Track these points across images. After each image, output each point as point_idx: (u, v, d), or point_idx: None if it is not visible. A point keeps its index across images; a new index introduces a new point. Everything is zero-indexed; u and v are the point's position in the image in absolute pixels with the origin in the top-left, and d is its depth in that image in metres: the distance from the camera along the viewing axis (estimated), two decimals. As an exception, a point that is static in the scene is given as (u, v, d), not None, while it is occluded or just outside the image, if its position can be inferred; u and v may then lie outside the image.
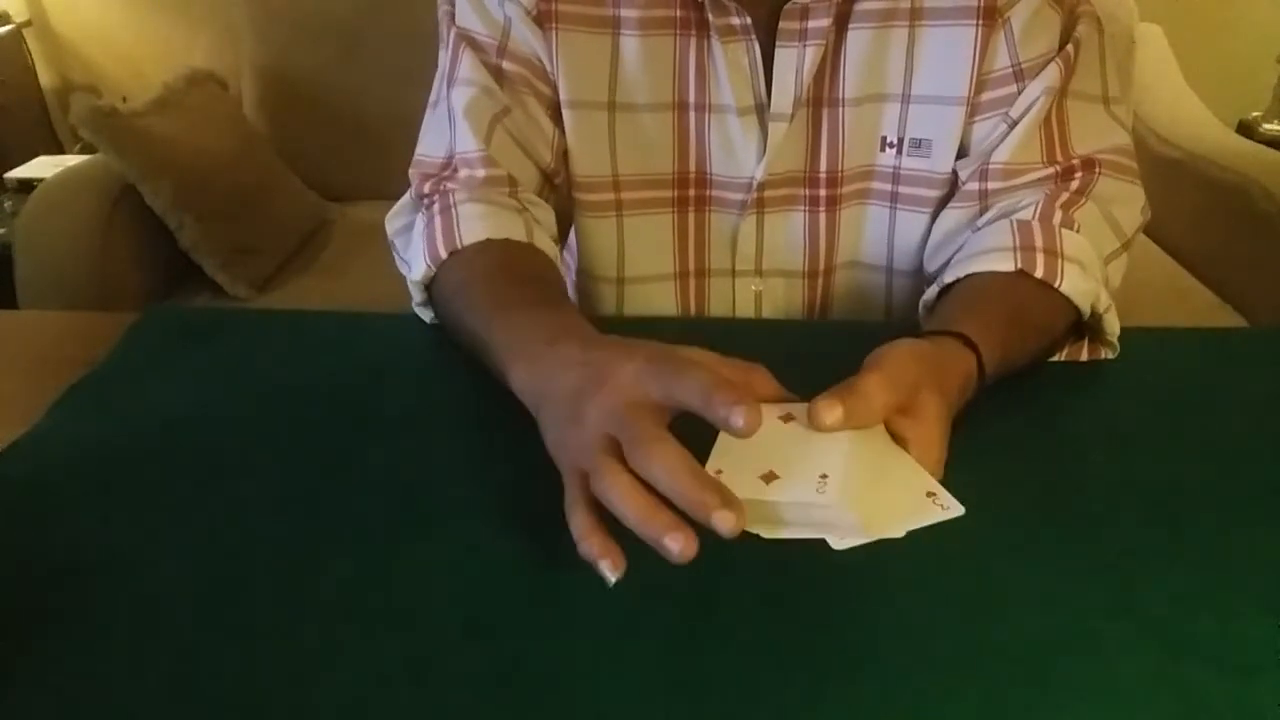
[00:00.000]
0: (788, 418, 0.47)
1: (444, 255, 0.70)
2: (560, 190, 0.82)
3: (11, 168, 2.04)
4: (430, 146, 0.79)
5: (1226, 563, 0.51)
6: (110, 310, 1.21)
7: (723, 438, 0.46)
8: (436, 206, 0.74)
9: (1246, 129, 2.18)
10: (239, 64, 2.07)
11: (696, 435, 0.45)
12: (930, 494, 0.46)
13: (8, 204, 1.93)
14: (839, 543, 0.44)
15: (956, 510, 0.45)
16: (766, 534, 0.45)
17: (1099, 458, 0.60)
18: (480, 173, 0.74)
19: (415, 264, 0.73)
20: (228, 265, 1.68)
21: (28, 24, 2.35)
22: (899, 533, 0.44)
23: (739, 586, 0.48)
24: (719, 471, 0.45)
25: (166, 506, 0.55)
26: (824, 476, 0.43)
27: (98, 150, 1.62)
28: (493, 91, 0.76)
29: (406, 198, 0.80)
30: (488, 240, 0.70)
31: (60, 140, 2.43)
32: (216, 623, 0.47)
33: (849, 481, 0.43)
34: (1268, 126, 2.19)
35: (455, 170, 0.76)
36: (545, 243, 0.74)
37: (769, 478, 0.44)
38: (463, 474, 0.58)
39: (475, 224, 0.71)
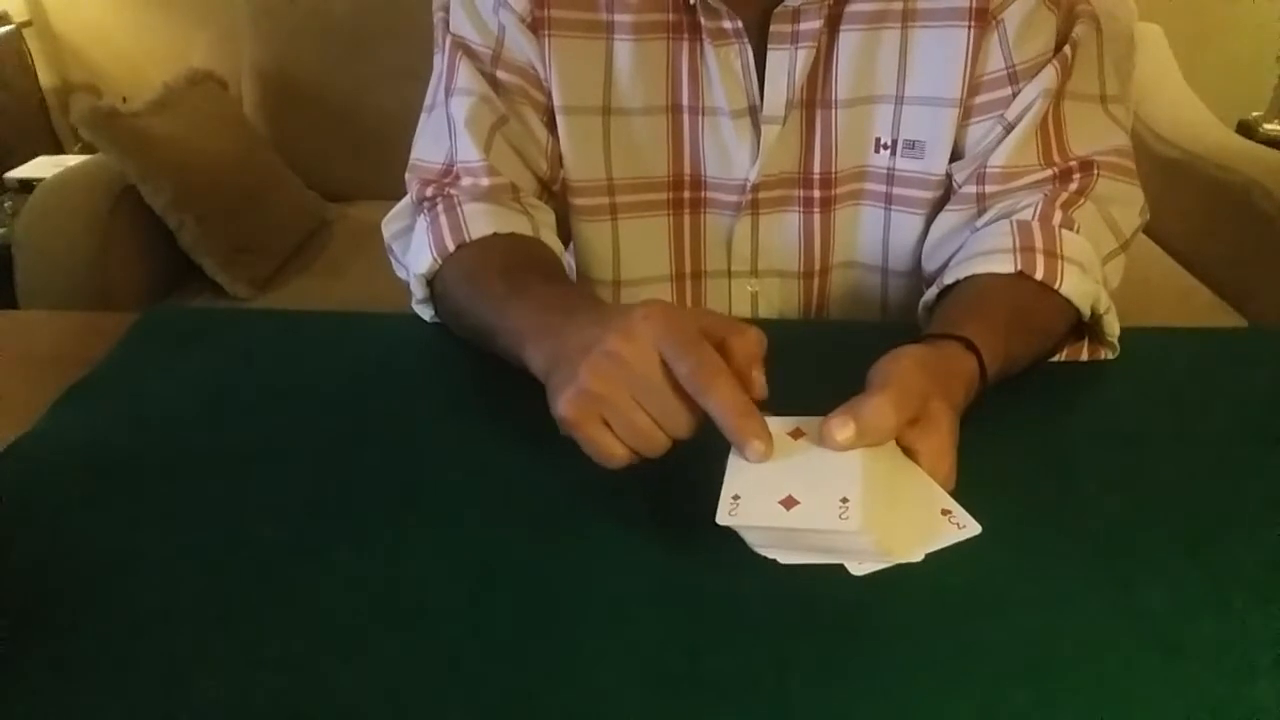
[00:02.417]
0: (797, 433, 0.47)
1: (451, 248, 0.71)
2: (557, 197, 0.83)
3: (11, 168, 2.04)
4: (428, 151, 0.79)
5: (1226, 563, 0.51)
6: (110, 310, 1.21)
7: (734, 458, 0.47)
8: (440, 206, 0.74)
9: (1246, 129, 2.18)
10: (239, 64, 2.07)
11: (693, 453, 0.46)
12: (945, 511, 0.46)
13: (8, 204, 1.93)
14: (858, 568, 0.44)
15: (973, 529, 0.45)
16: (784, 559, 0.46)
17: (1099, 458, 0.60)
18: (485, 181, 0.75)
19: (418, 260, 0.73)
20: (228, 265, 1.68)
21: (28, 24, 2.35)
22: (918, 557, 0.44)
23: (739, 588, 0.48)
24: (736, 498, 0.45)
25: (166, 506, 0.55)
26: (844, 501, 0.43)
27: (98, 150, 1.62)
28: (490, 100, 0.76)
29: (405, 202, 0.80)
30: (494, 234, 0.71)
31: (60, 140, 2.43)
32: (216, 621, 0.47)
33: (869, 506, 0.43)
34: (1268, 126, 2.19)
35: (457, 178, 0.76)
36: (551, 239, 0.75)
37: (789, 503, 0.44)
38: (462, 473, 0.58)
39: (482, 220, 0.71)
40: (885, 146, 0.78)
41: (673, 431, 0.48)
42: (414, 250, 0.75)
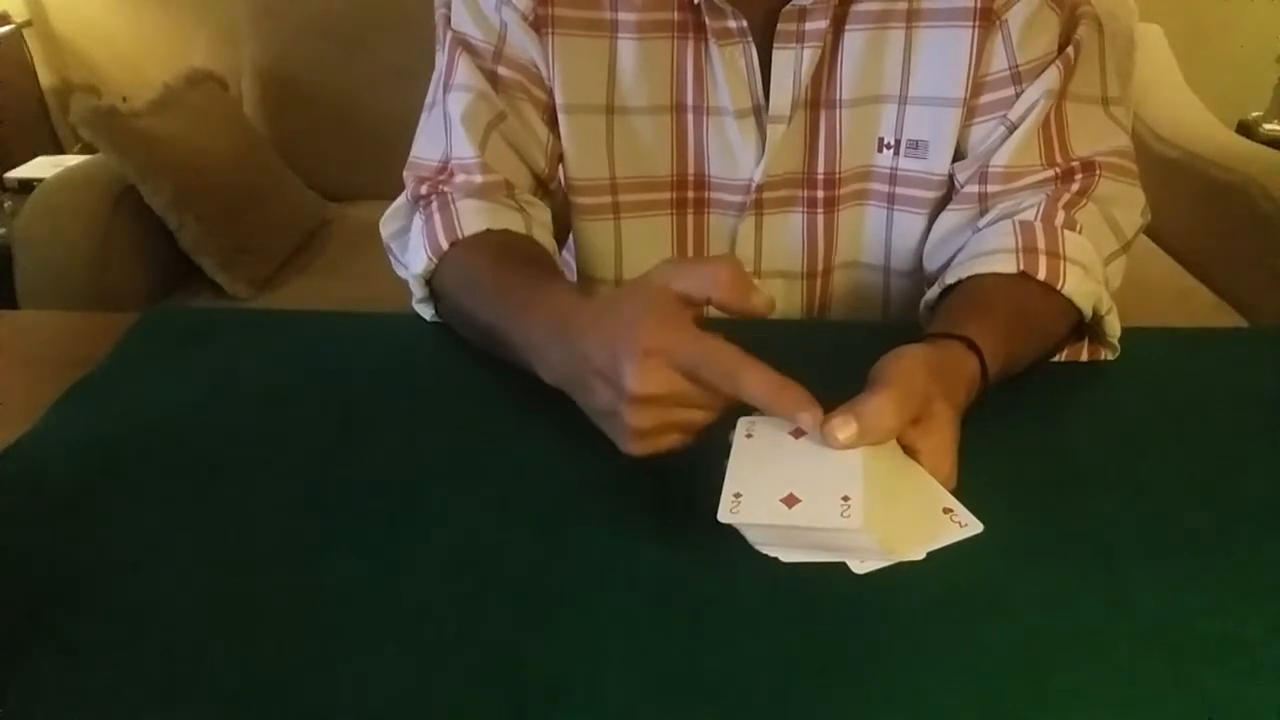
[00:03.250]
0: (798, 432, 0.47)
1: (445, 246, 0.71)
2: (555, 195, 0.83)
3: (11, 168, 2.03)
4: (425, 149, 0.79)
5: (1227, 563, 0.51)
6: (110, 310, 1.22)
7: (735, 457, 0.47)
8: (435, 205, 0.74)
9: (1246, 129, 2.18)
10: (239, 64, 2.07)
11: (693, 452, 0.45)
12: (947, 510, 0.46)
13: (8, 204, 1.93)
14: (860, 566, 0.44)
15: (975, 528, 0.45)
16: (786, 558, 0.45)
17: (1099, 458, 0.60)
18: (478, 178, 0.75)
19: (415, 259, 0.73)
20: (228, 265, 1.68)
21: (28, 24, 2.35)
22: (920, 555, 0.44)
23: (739, 588, 0.48)
24: (738, 495, 0.45)
25: (166, 506, 0.55)
26: (846, 499, 0.43)
27: (98, 150, 1.62)
28: (488, 96, 0.76)
29: (400, 200, 0.80)
30: (487, 231, 0.71)
31: (60, 140, 2.43)
32: (215, 622, 0.47)
33: (871, 504, 0.43)
34: (1268, 126, 2.19)
35: (452, 175, 0.76)
36: (544, 237, 0.75)
37: (790, 501, 0.44)
38: (463, 473, 0.58)
39: (475, 217, 0.72)
40: (888, 146, 0.78)
41: (730, 404, 0.49)
42: (411, 250, 0.75)
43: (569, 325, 0.54)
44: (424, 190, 0.77)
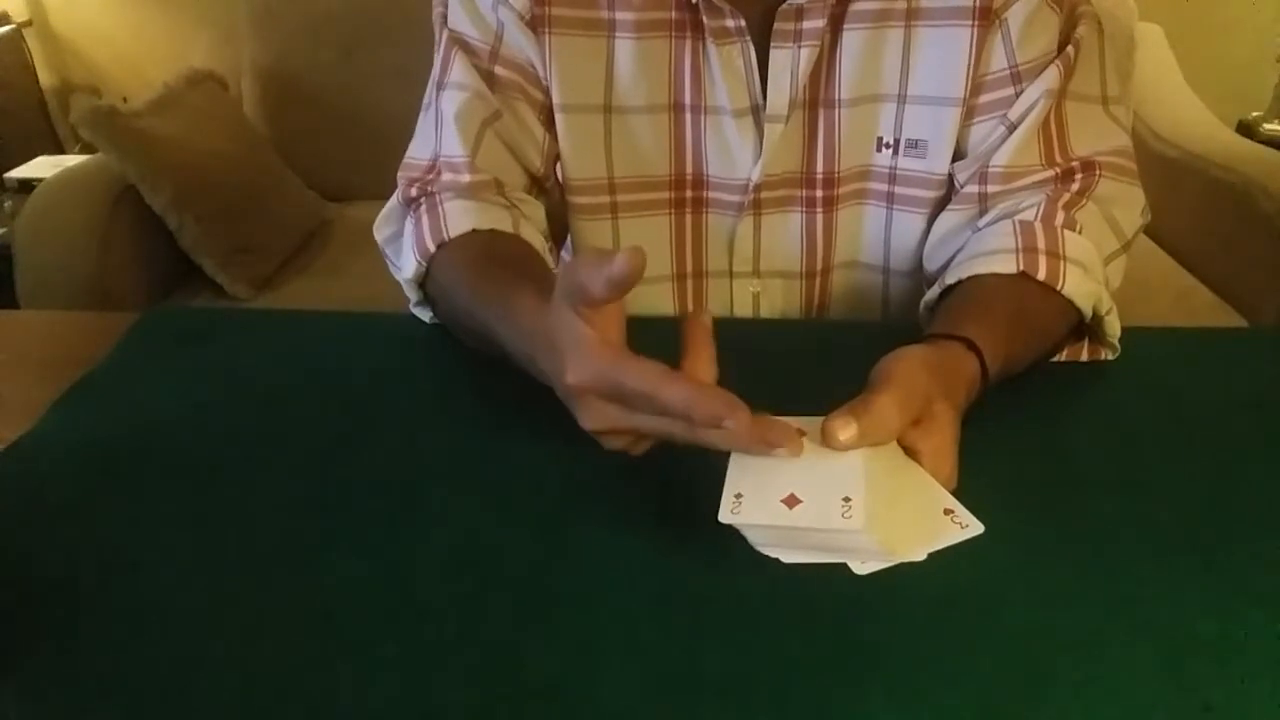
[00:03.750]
0: (799, 432, 0.47)
1: (432, 249, 0.70)
2: (550, 194, 0.82)
3: (11, 168, 2.04)
4: (418, 149, 0.79)
5: (1226, 563, 0.51)
6: (110, 310, 1.22)
7: (736, 457, 0.47)
8: (424, 207, 0.74)
9: (1246, 129, 2.18)
10: (239, 64, 2.07)
11: (694, 452, 0.46)
12: (948, 510, 0.46)
13: (8, 204, 1.93)
14: (861, 567, 0.44)
15: (976, 529, 0.45)
16: (787, 559, 0.45)
17: (1099, 458, 0.60)
18: (465, 177, 0.74)
19: (406, 263, 0.73)
20: (228, 265, 1.68)
21: (28, 24, 2.36)
22: (921, 556, 0.44)
23: (739, 588, 0.48)
24: (739, 496, 0.45)
25: (166, 506, 0.55)
26: (847, 500, 0.43)
27: (98, 150, 1.62)
28: (484, 96, 0.76)
29: (393, 203, 0.79)
30: (474, 231, 0.70)
31: (60, 140, 2.43)
32: (216, 622, 0.47)
33: (872, 505, 0.43)
34: (1268, 126, 2.19)
35: (439, 173, 0.75)
36: (533, 235, 0.74)
37: (791, 502, 0.44)
38: (463, 473, 0.58)
39: (461, 218, 0.71)
40: (887, 146, 0.78)
41: (684, 433, 0.47)
42: (403, 254, 0.75)
43: (532, 347, 0.54)
44: (413, 192, 0.76)
